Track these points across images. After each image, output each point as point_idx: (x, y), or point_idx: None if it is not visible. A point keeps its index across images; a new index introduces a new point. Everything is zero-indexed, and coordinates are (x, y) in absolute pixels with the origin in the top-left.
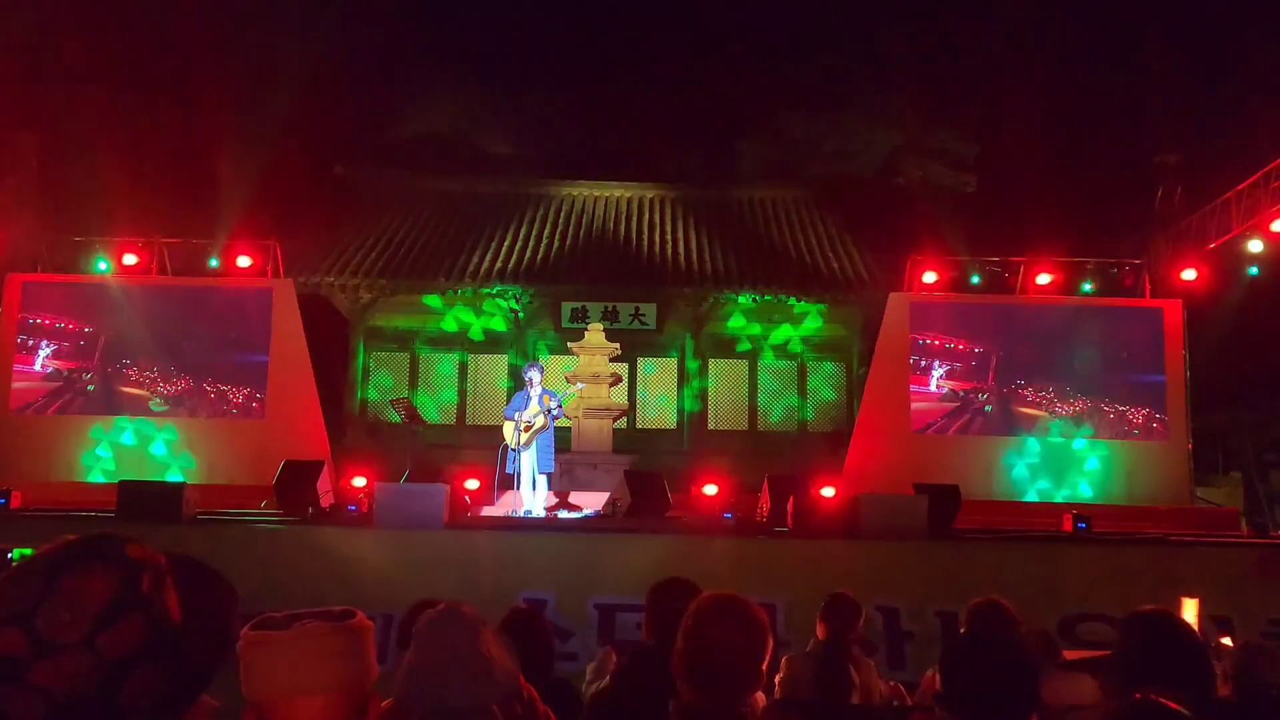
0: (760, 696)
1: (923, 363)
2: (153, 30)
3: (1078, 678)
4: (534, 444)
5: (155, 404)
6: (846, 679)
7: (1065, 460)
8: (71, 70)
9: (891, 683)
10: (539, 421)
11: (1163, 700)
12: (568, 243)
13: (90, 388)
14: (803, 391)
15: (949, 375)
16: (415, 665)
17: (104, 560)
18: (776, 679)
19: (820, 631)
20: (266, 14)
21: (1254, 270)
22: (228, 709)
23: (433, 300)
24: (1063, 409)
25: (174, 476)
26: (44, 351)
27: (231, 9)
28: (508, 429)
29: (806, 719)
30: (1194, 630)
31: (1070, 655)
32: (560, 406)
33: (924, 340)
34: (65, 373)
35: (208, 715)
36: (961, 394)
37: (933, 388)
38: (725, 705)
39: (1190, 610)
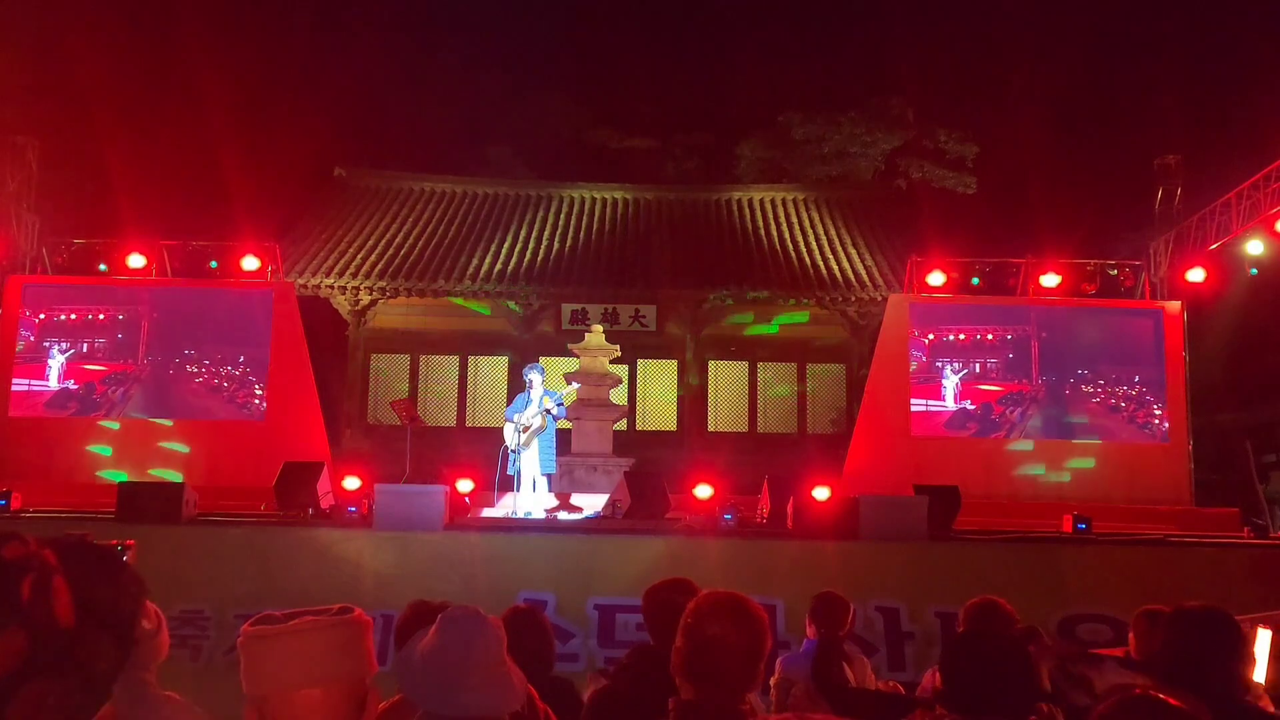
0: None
1: (939, 364)
2: (154, 34)
3: (1135, 676)
4: (535, 445)
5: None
6: (840, 677)
7: (1065, 460)
8: (73, 74)
9: (889, 683)
10: (537, 422)
11: (1162, 696)
12: (567, 244)
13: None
14: (802, 393)
15: (981, 378)
16: (430, 665)
17: None
18: (771, 680)
19: (810, 631)
20: (268, 17)
21: (1254, 271)
22: (229, 710)
23: (432, 302)
24: (1165, 414)
25: (173, 477)
26: (59, 359)
27: (233, 12)
28: (508, 430)
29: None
30: (1240, 639)
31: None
32: (561, 405)
33: (950, 336)
34: (103, 379)
35: None
36: (980, 406)
37: (949, 402)
38: (725, 703)
39: (1264, 640)
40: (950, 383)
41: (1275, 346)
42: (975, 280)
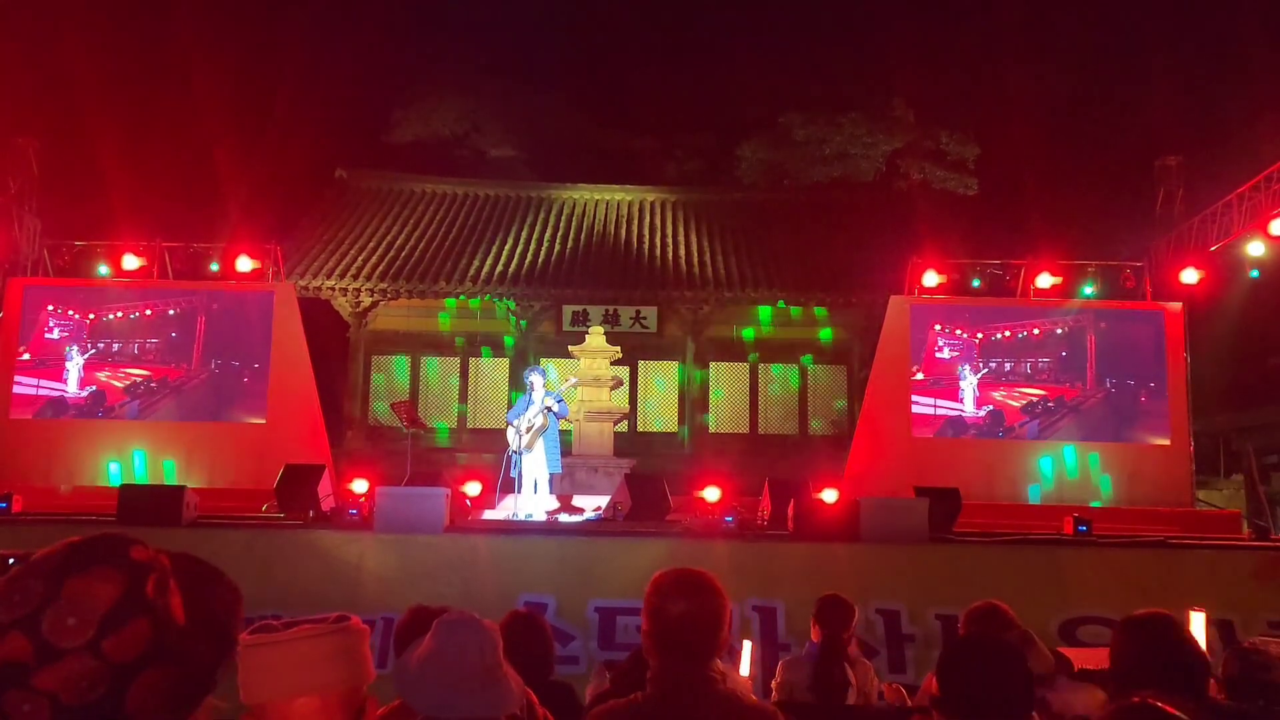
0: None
1: (991, 363)
2: (154, 35)
3: (1088, 689)
4: (539, 446)
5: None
6: (842, 679)
7: (1066, 463)
8: (72, 74)
9: (893, 685)
10: (539, 421)
11: (1159, 704)
12: (568, 246)
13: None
14: (803, 394)
15: (1031, 379)
16: (427, 669)
17: (108, 564)
18: (773, 683)
19: (814, 634)
20: (269, 18)
21: (1255, 273)
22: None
23: (433, 304)
24: None
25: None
26: (77, 361)
27: (234, 13)
28: (511, 433)
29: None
30: (1190, 634)
31: (1068, 654)
32: (562, 402)
33: (999, 334)
34: (144, 383)
35: (212, 716)
36: (989, 415)
37: (968, 405)
38: (694, 668)
39: (1198, 622)
40: (969, 384)
41: (1275, 348)
42: (976, 282)
